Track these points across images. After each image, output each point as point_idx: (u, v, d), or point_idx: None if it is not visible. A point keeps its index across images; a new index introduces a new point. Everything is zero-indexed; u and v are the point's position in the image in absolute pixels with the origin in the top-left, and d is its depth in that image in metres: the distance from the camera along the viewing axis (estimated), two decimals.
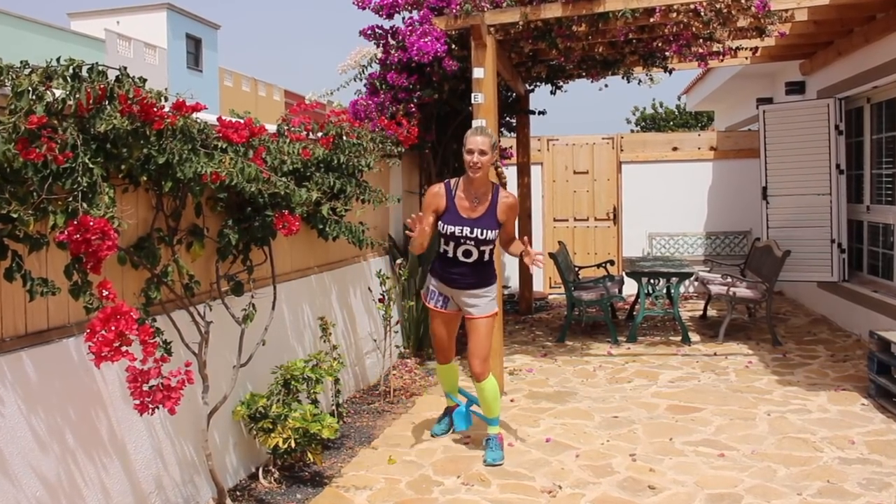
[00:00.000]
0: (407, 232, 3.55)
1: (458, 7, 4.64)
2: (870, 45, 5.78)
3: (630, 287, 7.28)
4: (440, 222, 3.60)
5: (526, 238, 3.79)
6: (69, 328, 2.50)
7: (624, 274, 6.92)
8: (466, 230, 3.55)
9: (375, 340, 5.06)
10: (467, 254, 3.60)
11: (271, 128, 3.54)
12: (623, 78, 6.52)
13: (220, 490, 2.99)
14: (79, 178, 2.20)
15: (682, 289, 7.31)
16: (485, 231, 3.56)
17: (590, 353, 5.89)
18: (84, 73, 2.30)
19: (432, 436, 3.95)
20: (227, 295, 3.19)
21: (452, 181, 3.69)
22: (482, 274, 3.66)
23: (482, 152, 3.52)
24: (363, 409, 4.49)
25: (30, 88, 2.15)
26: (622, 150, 8.85)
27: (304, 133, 3.76)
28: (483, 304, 3.66)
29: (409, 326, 5.52)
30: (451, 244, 3.61)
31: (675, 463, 3.56)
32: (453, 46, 5.01)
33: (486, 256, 3.65)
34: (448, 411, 4.05)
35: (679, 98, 19.87)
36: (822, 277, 6.62)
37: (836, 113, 6.46)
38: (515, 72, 6.26)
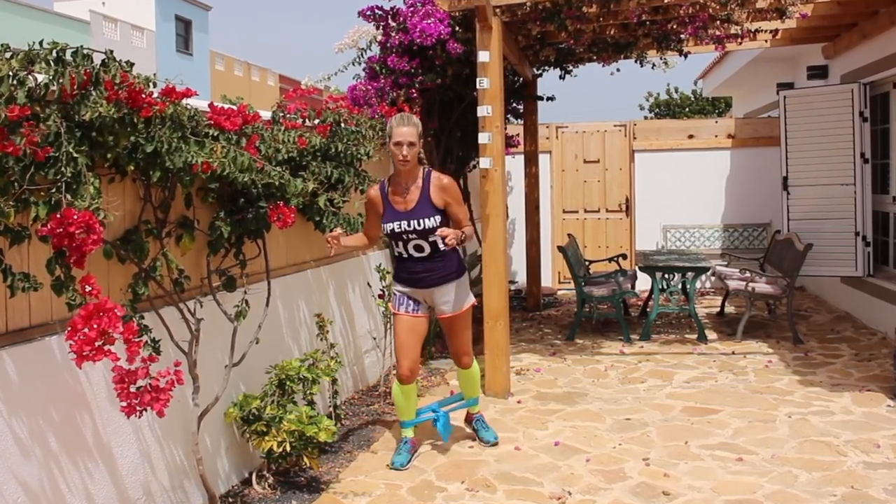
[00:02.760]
0: (331, 250, 3.37)
1: None
2: None
3: (643, 282, 7.14)
4: (381, 224, 3.54)
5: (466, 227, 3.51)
6: (52, 326, 2.43)
7: (637, 268, 6.80)
8: (403, 224, 3.46)
9: (375, 339, 4.94)
10: (419, 248, 3.52)
11: (265, 115, 3.48)
12: (636, 62, 6.38)
13: (211, 496, 2.93)
14: (63, 168, 2.16)
15: (698, 284, 7.16)
16: (422, 221, 3.44)
17: (601, 351, 5.78)
18: (68, 56, 2.25)
19: (393, 469, 3.47)
20: (219, 290, 3.14)
21: (386, 180, 3.60)
22: (446, 266, 3.56)
23: (411, 144, 3.41)
24: (362, 410, 4.40)
25: (10, 73, 2.10)
26: (635, 138, 8.68)
27: (300, 120, 3.70)
28: (457, 299, 3.59)
29: None
30: (399, 243, 3.54)
31: (691, 467, 3.46)
32: (457, 28, 4.90)
33: (441, 245, 3.51)
34: (405, 442, 3.62)
35: (695, 83, 19.53)
36: (846, 272, 6.45)
37: (861, 99, 6.29)
38: (523, 55, 6.13)
